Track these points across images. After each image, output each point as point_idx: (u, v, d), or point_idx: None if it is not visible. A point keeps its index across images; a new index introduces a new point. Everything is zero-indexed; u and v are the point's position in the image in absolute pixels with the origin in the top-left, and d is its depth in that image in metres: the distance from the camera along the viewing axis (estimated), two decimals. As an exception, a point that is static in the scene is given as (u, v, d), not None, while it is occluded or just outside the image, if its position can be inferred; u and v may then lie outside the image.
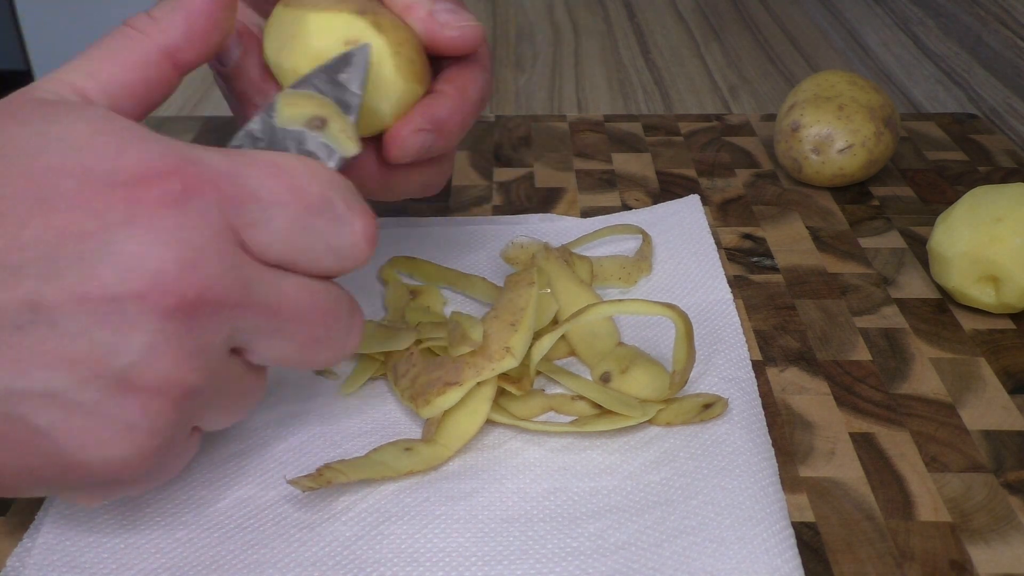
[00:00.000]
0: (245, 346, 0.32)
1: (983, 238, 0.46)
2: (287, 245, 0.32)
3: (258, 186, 0.31)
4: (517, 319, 0.40)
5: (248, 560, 0.35)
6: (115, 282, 0.28)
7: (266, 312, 0.31)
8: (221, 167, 0.31)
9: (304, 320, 0.33)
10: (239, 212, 0.31)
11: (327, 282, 0.34)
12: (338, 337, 0.34)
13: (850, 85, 0.58)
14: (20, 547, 0.35)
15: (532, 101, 0.78)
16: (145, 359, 0.29)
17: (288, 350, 0.33)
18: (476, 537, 0.35)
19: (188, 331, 0.29)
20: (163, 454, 0.31)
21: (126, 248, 0.29)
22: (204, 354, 0.30)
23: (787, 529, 0.35)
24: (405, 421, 0.41)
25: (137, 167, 0.30)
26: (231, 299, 0.30)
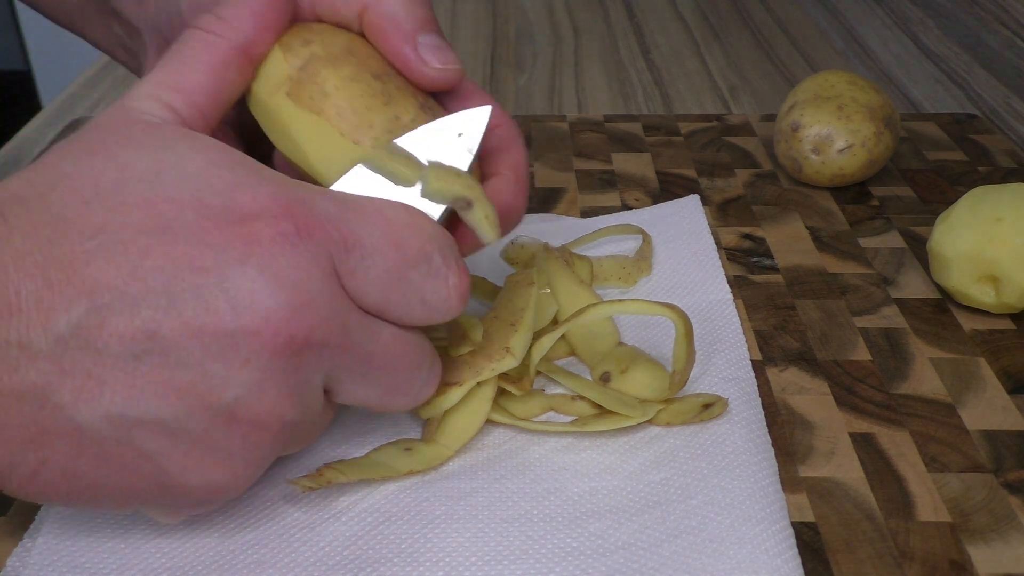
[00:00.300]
0: (334, 385, 0.33)
1: (983, 238, 0.46)
2: (383, 295, 0.32)
3: (363, 233, 0.32)
4: (517, 319, 0.40)
5: (248, 560, 0.35)
6: (230, 317, 0.29)
7: (361, 357, 0.32)
8: (330, 211, 0.31)
9: (392, 368, 0.34)
10: (344, 258, 0.31)
11: (417, 333, 0.34)
12: (417, 387, 0.35)
13: (850, 85, 0.58)
14: (20, 547, 0.35)
15: (532, 101, 0.78)
16: (252, 394, 0.30)
17: (371, 394, 0.34)
18: (476, 537, 0.35)
19: (292, 369, 0.31)
20: (254, 480, 0.33)
21: (242, 285, 0.29)
22: (303, 391, 0.31)
23: (787, 529, 0.35)
24: (405, 421, 0.41)
25: (252, 205, 0.30)
26: (333, 341, 0.31)
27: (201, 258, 0.29)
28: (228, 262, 0.29)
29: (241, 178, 0.31)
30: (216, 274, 0.29)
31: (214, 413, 0.30)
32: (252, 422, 0.31)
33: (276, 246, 0.30)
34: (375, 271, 0.32)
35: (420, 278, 0.33)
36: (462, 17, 0.97)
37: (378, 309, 0.33)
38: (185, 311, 0.29)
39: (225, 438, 0.31)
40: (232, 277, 0.29)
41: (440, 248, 0.33)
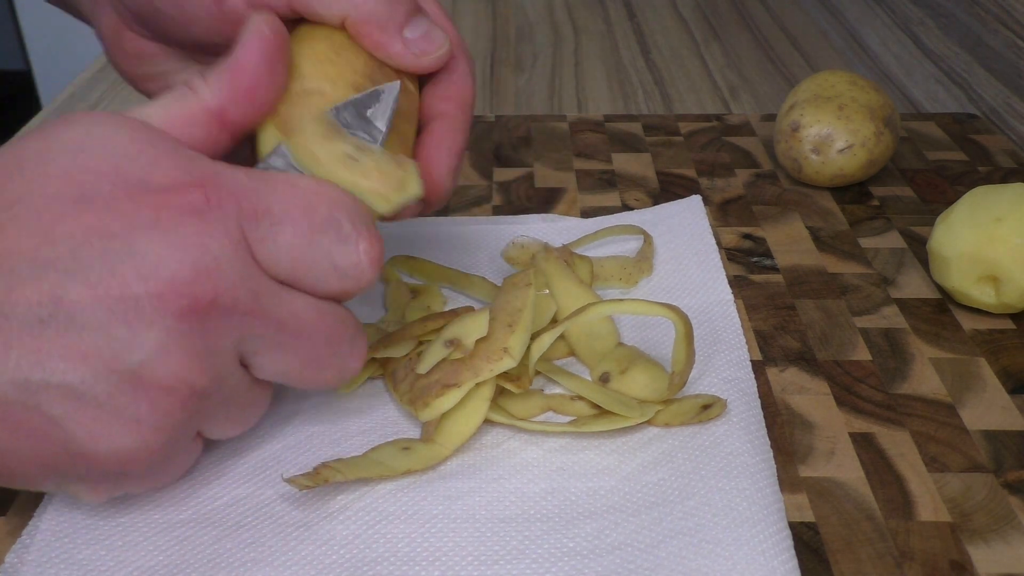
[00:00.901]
0: (250, 357, 0.33)
1: (983, 238, 0.46)
2: (293, 261, 0.33)
3: (272, 202, 0.32)
4: (514, 320, 0.40)
5: (245, 558, 0.35)
6: (135, 281, 0.30)
7: (273, 324, 0.33)
8: (241, 182, 0.32)
9: (308, 338, 0.34)
10: (253, 226, 0.32)
11: (334, 304, 0.35)
12: (340, 359, 0.35)
13: (850, 85, 0.58)
14: (18, 544, 0.35)
15: (532, 101, 0.78)
16: (157, 357, 0.31)
17: (291, 365, 0.34)
18: (473, 537, 0.35)
19: (199, 334, 0.31)
20: (167, 452, 0.33)
21: (148, 250, 0.30)
22: (212, 358, 0.32)
23: (784, 531, 0.35)
24: (404, 421, 0.41)
25: (167, 176, 0.32)
26: (241, 307, 0.32)
27: (110, 225, 0.30)
28: (135, 228, 0.30)
29: (161, 153, 0.32)
30: (123, 240, 0.30)
31: (120, 377, 0.30)
32: (158, 386, 0.31)
33: (184, 214, 0.31)
34: (284, 238, 0.32)
35: (329, 243, 0.33)
36: (462, 17, 0.97)
37: (291, 277, 0.33)
38: (91, 276, 0.30)
39: (132, 403, 0.31)
40: (138, 243, 0.30)
41: (349, 214, 0.34)
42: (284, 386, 0.42)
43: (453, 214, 0.57)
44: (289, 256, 0.33)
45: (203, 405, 0.33)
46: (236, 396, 0.34)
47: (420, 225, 0.55)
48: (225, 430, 0.35)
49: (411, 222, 0.55)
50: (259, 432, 0.40)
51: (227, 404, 0.34)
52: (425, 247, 0.52)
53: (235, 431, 0.36)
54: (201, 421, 0.34)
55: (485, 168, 0.62)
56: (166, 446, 0.32)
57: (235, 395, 0.34)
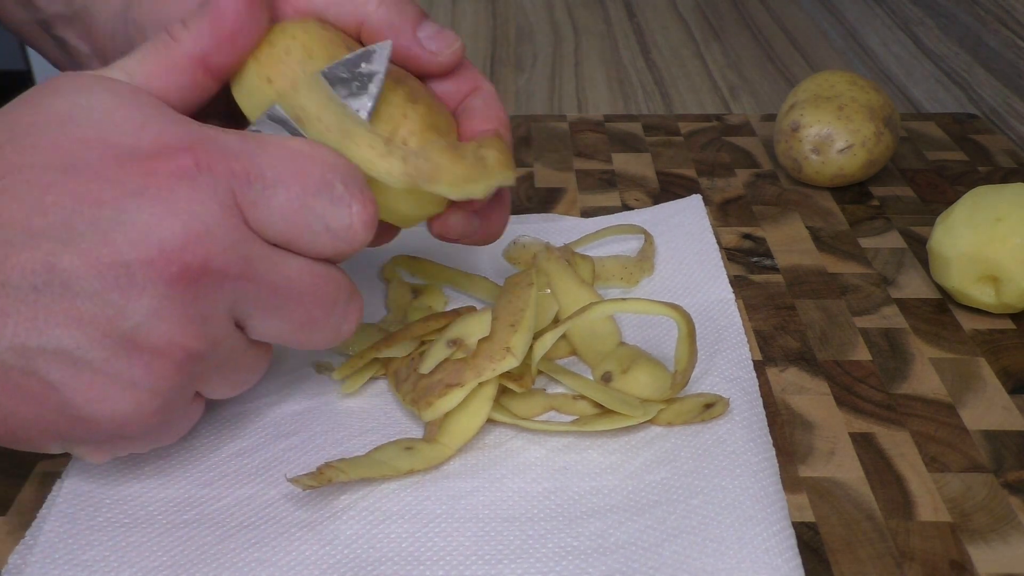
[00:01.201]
0: (245, 320, 0.34)
1: (983, 238, 0.46)
2: (287, 224, 0.33)
3: (264, 165, 0.33)
4: (517, 320, 0.40)
5: (249, 558, 0.35)
6: (126, 248, 0.30)
7: (266, 287, 0.33)
8: (233, 146, 0.33)
9: (302, 300, 0.34)
10: (245, 190, 0.32)
11: (328, 266, 0.35)
12: (335, 320, 0.36)
13: (850, 85, 0.58)
14: (22, 544, 0.35)
15: (532, 101, 0.78)
16: (150, 321, 0.31)
17: (285, 328, 0.35)
18: (476, 536, 0.36)
19: (191, 298, 0.31)
20: (164, 414, 0.33)
21: (138, 217, 0.31)
22: (206, 322, 0.32)
23: (787, 529, 0.35)
24: (406, 421, 0.41)
25: (155, 142, 0.32)
26: (233, 271, 0.32)
27: (100, 192, 0.31)
28: (126, 195, 0.31)
29: (149, 119, 0.32)
30: (114, 207, 0.31)
31: (115, 342, 0.31)
32: (153, 350, 0.31)
33: (174, 180, 0.31)
34: (277, 201, 0.33)
35: (322, 206, 0.33)
36: (462, 17, 0.97)
37: (284, 240, 0.33)
38: (83, 243, 0.30)
39: (127, 367, 0.31)
40: (129, 209, 0.31)
41: (342, 176, 0.34)
42: (285, 388, 0.43)
43: (454, 214, 0.57)
44: (282, 219, 0.33)
45: (199, 367, 0.33)
46: (233, 358, 0.35)
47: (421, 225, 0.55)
48: (224, 390, 0.36)
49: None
50: (262, 433, 0.40)
51: (224, 366, 0.34)
52: (426, 247, 0.52)
53: (235, 391, 0.36)
54: (198, 383, 0.34)
55: (486, 168, 0.62)
56: (163, 408, 0.33)
57: (232, 357, 0.34)
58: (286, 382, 0.43)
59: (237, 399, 0.42)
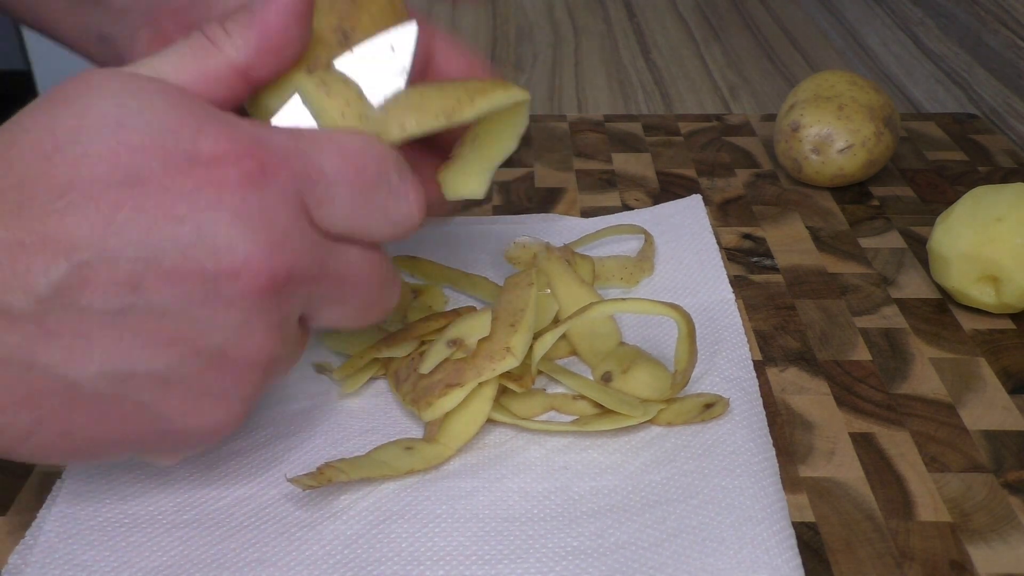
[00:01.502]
0: (312, 313, 0.34)
1: (983, 238, 0.46)
2: (351, 219, 0.33)
3: (323, 163, 0.32)
4: (517, 319, 0.40)
5: (249, 558, 0.35)
6: (210, 264, 0.30)
7: (336, 282, 0.34)
8: (289, 146, 0.32)
9: (364, 286, 0.35)
10: (310, 191, 0.32)
11: (380, 249, 0.36)
12: (386, 300, 0.36)
13: (850, 85, 0.58)
14: (22, 544, 0.35)
15: (532, 101, 0.78)
16: (239, 334, 0.31)
17: (347, 314, 0.35)
18: (477, 536, 0.36)
19: (275, 305, 0.32)
20: (249, 415, 0.34)
21: (218, 230, 0.30)
22: (285, 324, 0.33)
23: (787, 529, 0.35)
24: (406, 421, 0.41)
25: (214, 147, 0.31)
26: (311, 273, 0.32)
27: (174, 207, 0.30)
28: (201, 208, 0.30)
29: (203, 122, 0.31)
30: (191, 222, 0.30)
31: (205, 357, 0.31)
32: (243, 361, 0.32)
33: (244, 188, 0.30)
34: (340, 198, 0.33)
35: (383, 198, 0.34)
36: (462, 17, 0.97)
37: (346, 233, 0.34)
38: (164, 261, 0.29)
39: (219, 380, 0.31)
40: (207, 223, 0.30)
41: (395, 167, 0.34)
42: (285, 388, 0.43)
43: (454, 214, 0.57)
44: (347, 215, 0.33)
45: (278, 368, 0.34)
46: (295, 350, 0.35)
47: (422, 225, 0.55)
48: (275, 382, 0.36)
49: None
50: (261, 433, 0.40)
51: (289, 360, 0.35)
52: (427, 247, 0.52)
53: (278, 380, 0.36)
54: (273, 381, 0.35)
55: (486, 168, 0.62)
56: (250, 412, 0.33)
57: (292, 349, 0.35)
58: (286, 383, 0.43)
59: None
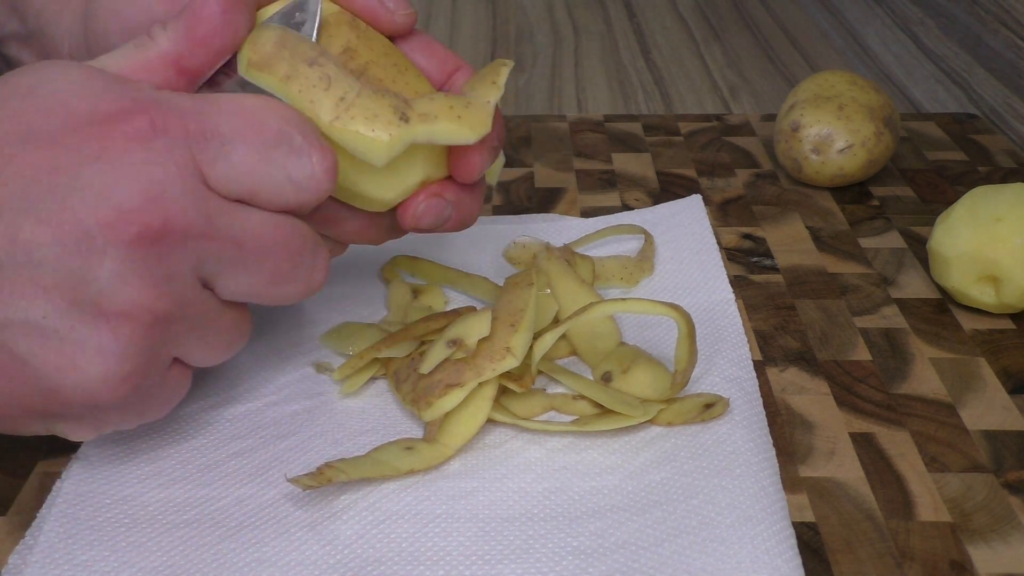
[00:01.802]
0: (213, 279, 0.34)
1: (983, 238, 0.46)
2: (248, 177, 0.33)
3: (220, 122, 0.33)
4: (517, 320, 0.40)
5: (249, 559, 0.35)
6: (84, 213, 0.30)
7: (230, 243, 0.33)
8: (187, 106, 0.33)
9: (268, 253, 0.34)
10: (202, 148, 0.32)
11: (290, 217, 0.35)
12: (303, 271, 0.36)
13: (850, 85, 0.58)
14: (22, 544, 0.35)
15: (532, 101, 0.78)
16: (114, 285, 0.31)
17: (254, 283, 0.35)
18: (477, 536, 0.36)
19: (154, 259, 0.31)
20: (137, 379, 0.33)
21: (95, 181, 0.31)
22: (171, 282, 0.32)
23: (787, 529, 0.35)
24: (406, 421, 0.41)
25: (111, 107, 0.32)
26: (194, 229, 0.32)
27: (57, 159, 0.31)
28: (82, 161, 0.31)
29: (109, 86, 0.33)
30: (70, 173, 0.31)
31: (79, 308, 0.31)
32: (118, 314, 0.31)
33: (130, 142, 0.31)
34: (236, 156, 0.33)
35: (283, 157, 0.34)
36: (462, 17, 0.97)
37: (247, 195, 0.34)
38: (42, 212, 0.30)
39: (94, 333, 0.31)
40: (85, 175, 0.31)
41: (299, 128, 0.34)
42: (285, 388, 0.43)
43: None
44: (243, 174, 0.33)
45: (169, 330, 0.33)
46: (206, 319, 0.34)
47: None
48: (205, 356, 0.36)
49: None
50: (261, 433, 0.40)
51: (198, 328, 0.34)
52: (426, 247, 0.52)
53: (217, 356, 0.36)
54: (172, 347, 0.34)
55: (486, 168, 0.62)
56: (134, 374, 0.33)
57: (204, 318, 0.34)
58: (286, 382, 0.43)
59: (237, 399, 0.42)
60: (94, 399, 0.33)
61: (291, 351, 0.45)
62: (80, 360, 0.31)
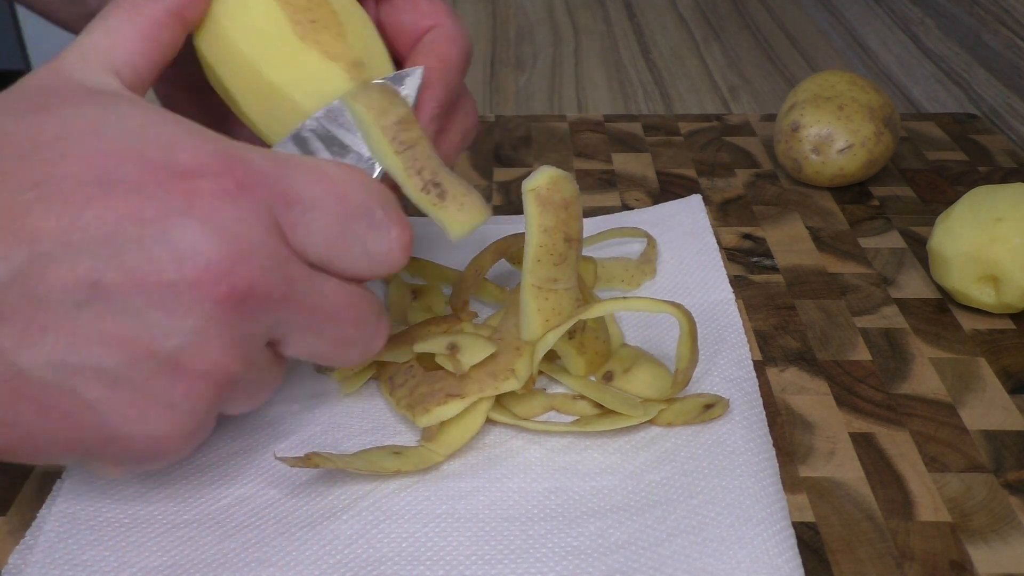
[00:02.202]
0: (282, 339, 0.34)
1: (983, 238, 0.46)
2: (327, 247, 0.33)
3: (303, 189, 0.33)
4: (521, 344, 0.40)
5: (249, 558, 0.35)
6: (172, 268, 0.30)
7: (306, 309, 0.33)
8: (268, 168, 0.32)
9: (339, 320, 0.34)
10: (286, 212, 0.32)
11: (361, 286, 0.35)
12: (366, 338, 0.36)
13: (850, 85, 0.58)
14: (22, 544, 0.35)
15: (532, 101, 0.78)
16: (194, 343, 0.30)
17: (320, 347, 0.35)
18: (476, 536, 0.36)
19: (236, 320, 0.31)
20: (199, 438, 0.33)
21: (184, 236, 0.30)
22: (247, 344, 0.32)
23: (787, 529, 0.35)
24: (405, 421, 0.41)
25: (193, 160, 0.31)
26: (277, 293, 0.32)
27: (142, 209, 0.30)
28: (169, 214, 0.30)
29: (182, 135, 0.32)
30: (158, 225, 0.30)
31: (156, 362, 0.30)
32: (195, 372, 0.31)
33: (217, 200, 0.31)
34: (318, 224, 0.33)
35: (363, 230, 0.34)
36: (462, 17, 0.97)
37: (322, 262, 0.33)
38: (127, 261, 0.29)
39: (167, 388, 0.31)
40: (173, 228, 0.30)
41: (381, 202, 0.34)
42: (285, 388, 0.43)
43: (454, 214, 0.57)
44: (322, 242, 0.33)
45: (234, 389, 0.33)
46: (261, 376, 0.34)
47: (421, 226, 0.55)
48: (242, 407, 0.35)
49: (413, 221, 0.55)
50: (261, 433, 0.40)
51: (251, 385, 0.34)
52: (426, 247, 0.52)
53: (250, 408, 0.36)
54: (226, 403, 0.34)
55: (485, 168, 0.62)
56: (198, 432, 0.33)
57: (260, 375, 0.34)
58: (286, 382, 0.43)
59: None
60: (153, 452, 0.32)
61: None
62: (150, 414, 0.31)
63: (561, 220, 0.39)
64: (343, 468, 0.37)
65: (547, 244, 0.39)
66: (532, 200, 0.38)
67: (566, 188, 0.39)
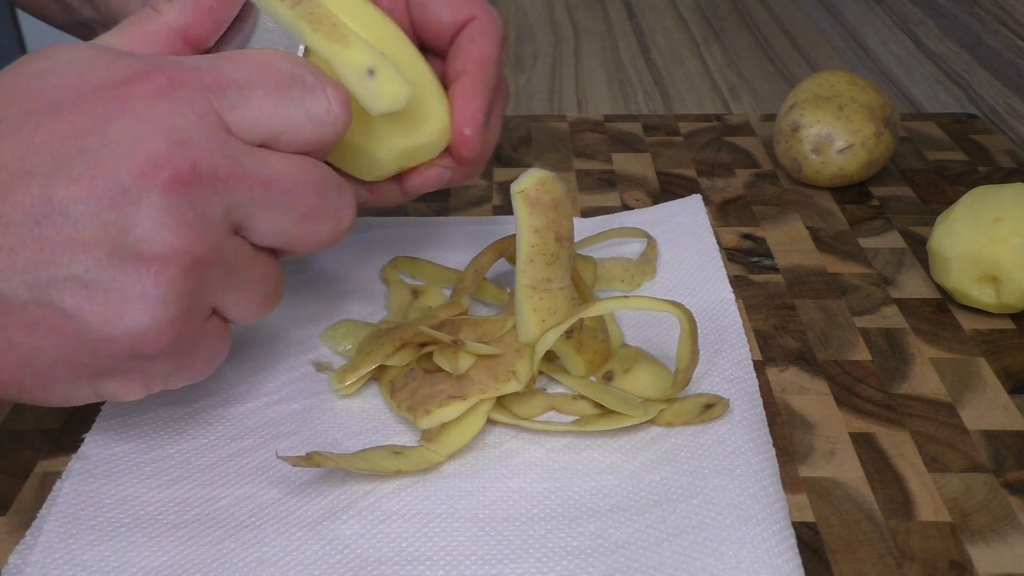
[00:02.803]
0: (245, 223, 0.35)
1: (983, 238, 0.46)
2: (268, 120, 0.35)
3: (233, 71, 0.35)
4: (522, 347, 0.41)
5: (249, 558, 0.35)
6: (115, 166, 0.32)
7: (258, 184, 0.34)
8: (199, 63, 0.35)
9: (296, 191, 0.35)
10: (220, 97, 0.34)
11: (312, 159, 0.36)
12: (332, 208, 0.37)
13: (850, 85, 0.58)
14: (22, 544, 0.35)
15: (532, 101, 0.78)
16: (151, 231, 0.32)
17: (285, 223, 0.36)
18: (476, 536, 0.36)
19: (187, 203, 0.32)
20: (181, 326, 0.34)
21: (122, 136, 0.32)
22: (205, 226, 0.33)
23: (787, 529, 0.35)
24: (405, 421, 0.41)
25: (126, 71, 0.33)
26: (222, 171, 0.33)
27: (84, 123, 0.32)
28: (107, 120, 0.32)
29: (123, 57, 0.34)
30: (97, 133, 0.32)
31: (121, 259, 0.32)
32: (158, 259, 0.32)
33: (150, 99, 0.33)
34: (255, 99, 0.34)
35: (299, 95, 0.35)
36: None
37: (269, 137, 0.35)
38: (74, 171, 0.31)
39: (136, 281, 0.32)
40: (112, 132, 0.32)
41: (310, 69, 0.36)
42: (285, 388, 0.43)
43: (453, 214, 0.57)
44: (262, 117, 0.34)
45: (207, 275, 0.34)
46: (240, 267, 0.35)
47: (421, 226, 0.55)
48: (241, 309, 0.36)
49: (412, 222, 0.55)
50: (261, 433, 0.40)
51: (233, 277, 0.35)
52: (426, 248, 0.52)
53: (252, 310, 0.37)
54: (210, 294, 0.35)
55: (485, 168, 0.62)
56: (178, 319, 0.33)
57: (238, 266, 0.35)
58: (286, 381, 0.43)
59: (237, 399, 0.42)
60: (141, 347, 0.33)
61: (291, 350, 0.45)
62: (126, 308, 0.32)
63: (551, 220, 0.39)
64: (344, 467, 0.37)
65: (539, 244, 0.39)
66: (521, 202, 0.39)
67: (554, 188, 0.39)
